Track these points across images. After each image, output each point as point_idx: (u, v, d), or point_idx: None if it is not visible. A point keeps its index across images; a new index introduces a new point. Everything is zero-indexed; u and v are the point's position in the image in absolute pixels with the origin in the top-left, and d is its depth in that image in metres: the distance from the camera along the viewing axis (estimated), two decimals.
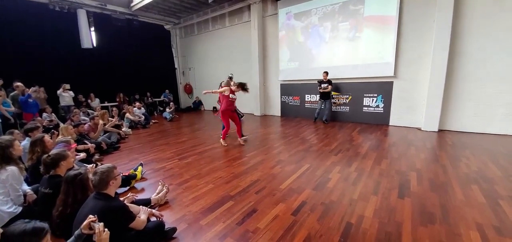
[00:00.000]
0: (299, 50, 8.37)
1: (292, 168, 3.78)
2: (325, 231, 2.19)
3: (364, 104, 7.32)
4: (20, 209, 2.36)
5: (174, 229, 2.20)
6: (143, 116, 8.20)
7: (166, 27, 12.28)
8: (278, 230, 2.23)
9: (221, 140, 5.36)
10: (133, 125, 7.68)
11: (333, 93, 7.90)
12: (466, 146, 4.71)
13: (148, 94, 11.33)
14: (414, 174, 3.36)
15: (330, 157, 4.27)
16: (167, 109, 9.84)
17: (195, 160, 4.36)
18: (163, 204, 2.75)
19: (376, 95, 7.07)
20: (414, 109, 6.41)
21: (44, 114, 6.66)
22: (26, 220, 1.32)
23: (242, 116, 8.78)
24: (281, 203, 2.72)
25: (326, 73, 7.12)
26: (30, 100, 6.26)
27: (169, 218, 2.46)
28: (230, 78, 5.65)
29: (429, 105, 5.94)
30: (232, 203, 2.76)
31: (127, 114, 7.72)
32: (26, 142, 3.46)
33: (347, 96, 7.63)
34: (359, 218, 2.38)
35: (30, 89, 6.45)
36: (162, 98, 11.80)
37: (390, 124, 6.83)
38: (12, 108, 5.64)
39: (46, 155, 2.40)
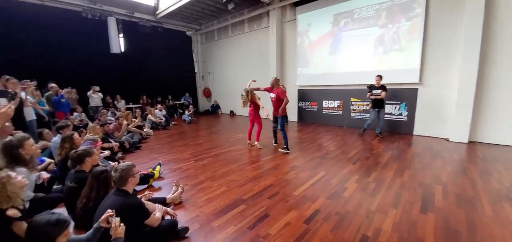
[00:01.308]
0: (318, 56, 8.25)
1: (306, 175, 3.71)
2: None
3: (386, 111, 7.00)
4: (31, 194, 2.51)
5: (186, 229, 2.25)
6: (163, 118, 8.54)
7: (188, 33, 12.76)
8: (289, 237, 2.19)
9: (256, 142, 5.43)
10: (154, 126, 8.02)
11: (352, 99, 7.67)
12: (498, 159, 4.31)
13: (169, 97, 11.78)
14: (439, 188, 3.14)
15: (347, 165, 4.13)
16: (187, 112, 10.16)
17: (211, 162, 4.44)
18: (177, 204, 2.83)
19: (399, 102, 6.74)
20: (442, 119, 6.01)
21: (75, 114, 7.18)
22: (51, 211, 1.43)
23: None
24: (293, 210, 2.67)
25: (380, 77, 6.00)
26: (63, 100, 6.78)
27: (182, 218, 2.52)
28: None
29: (458, 114, 5.54)
30: (245, 206, 2.76)
31: (149, 116, 8.09)
32: (57, 138, 3.75)
33: (367, 103, 7.34)
34: (376, 231, 2.26)
35: (63, 90, 6.99)
36: (182, 101, 12.22)
37: (415, 133, 6.45)
38: (47, 107, 6.13)
39: (73, 151, 2.58)
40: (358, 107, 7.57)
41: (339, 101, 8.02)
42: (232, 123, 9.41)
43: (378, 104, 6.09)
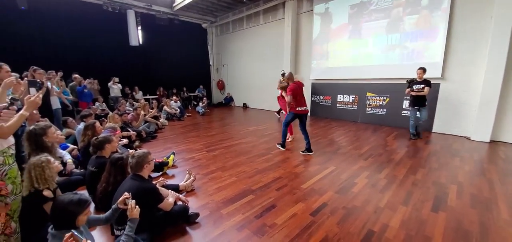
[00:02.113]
0: (334, 48, 8.06)
1: (316, 169, 3.72)
2: (344, 235, 2.14)
3: (403, 107, 6.76)
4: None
5: (197, 214, 2.38)
6: (178, 110, 8.81)
7: (204, 25, 12.90)
8: (295, 228, 2.24)
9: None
10: (169, 117, 8.30)
11: (368, 94, 7.46)
12: None
13: (184, 89, 12.07)
14: (454, 187, 3.03)
15: (358, 161, 4.08)
16: (200, 104, 10.39)
17: (222, 153, 4.57)
18: (189, 191, 2.97)
19: None
20: (463, 116, 5.71)
21: (97, 104, 7.59)
22: (74, 192, 1.58)
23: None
24: (301, 202, 2.71)
25: (423, 70, 5.25)
26: (86, 90, 7.19)
27: (193, 204, 2.65)
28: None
29: (481, 112, 5.23)
30: (253, 197, 2.84)
31: (165, 107, 8.38)
32: (81, 126, 4.02)
33: (385, 98, 7.12)
34: (383, 227, 2.26)
35: (86, 81, 7.40)
36: (196, 93, 12.48)
37: (433, 130, 6.18)
38: (71, 97, 6.54)
39: (94, 138, 2.77)
40: (374, 102, 7.36)
41: (354, 96, 7.84)
42: (245, 116, 9.51)
43: (419, 102, 5.37)
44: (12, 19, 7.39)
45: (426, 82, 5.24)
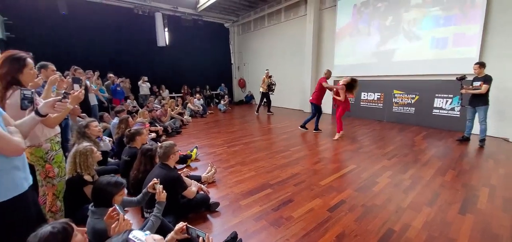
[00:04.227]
0: (358, 44, 7.78)
1: (335, 167, 3.68)
2: (362, 232, 2.13)
3: (434, 106, 6.34)
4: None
5: (217, 204, 2.53)
6: (201, 107, 9.16)
7: (226, 25, 13.20)
8: (311, 222, 2.28)
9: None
10: (193, 114, 8.68)
11: (395, 91, 7.10)
12: None
13: (207, 87, 12.48)
14: (485, 190, 2.82)
15: (382, 160, 3.95)
16: (222, 102, 10.68)
17: (242, 149, 4.70)
18: (210, 182, 3.14)
19: (451, 96, 6.02)
20: (501, 116, 5.21)
21: (128, 101, 8.19)
22: (112, 175, 1.80)
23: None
24: (318, 198, 2.73)
25: (481, 65, 4.58)
26: (119, 88, 7.79)
27: (214, 194, 2.81)
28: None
29: None
30: (271, 191, 2.92)
31: (189, 105, 8.77)
32: (115, 120, 4.41)
33: (413, 95, 6.73)
34: (404, 227, 2.20)
35: (118, 80, 8.02)
36: (218, 91, 12.84)
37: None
38: (106, 94, 7.14)
39: (127, 130, 3.06)
40: (402, 100, 6.99)
41: (379, 94, 7.52)
42: (265, 114, 9.58)
43: (476, 101, 4.68)
44: (54, 23, 8.20)
45: (486, 78, 4.51)
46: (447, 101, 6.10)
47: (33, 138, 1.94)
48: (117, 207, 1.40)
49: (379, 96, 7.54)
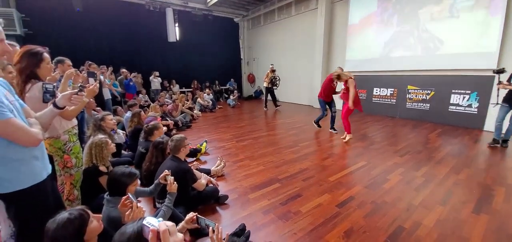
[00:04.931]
0: (371, 38, 7.56)
1: (345, 163, 3.65)
2: (371, 229, 2.11)
3: (451, 102, 6.10)
4: None
5: (226, 196, 2.57)
6: (211, 102, 9.26)
7: (236, 19, 13.16)
8: (319, 217, 2.28)
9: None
10: (202, 109, 8.78)
11: (409, 87, 6.89)
12: None
13: (216, 82, 12.56)
14: (502, 190, 2.71)
15: (393, 157, 3.86)
16: (231, 97, 10.73)
17: (251, 143, 4.72)
18: (220, 176, 3.19)
19: (469, 92, 5.77)
20: None
21: (140, 95, 8.39)
22: (126, 166, 1.87)
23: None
24: (327, 193, 2.72)
25: None
26: (131, 83, 7.99)
27: (223, 188, 2.85)
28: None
29: None
30: (279, 185, 2.93)
31: (199, 99, 8.88)
32: (128, 114, 4.54)
33: (429, 91, 6.50)
34: (415, 224, 2.16)
35: (131, 75, 8.21)
36: (227, 86, 12.89)
37: (485, 128, 5.48)
38: (119, 89, 7.34)
39: (146, 125, 3.17)
40: (416, 96, 6.77)
41: (392, 89, 7.31)
42: (274, 109, 9.55)
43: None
44: (69, 20, 8.44)
45: None
46: (464, 97, 5.86)
47: (52, 130, 2.03)
48: (130, 196, 1.46)
49: (392, 92, 7.34)
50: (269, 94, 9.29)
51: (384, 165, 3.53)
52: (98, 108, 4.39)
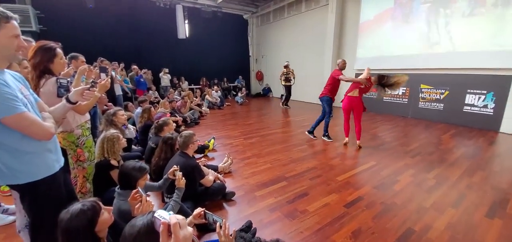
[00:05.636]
0: (383, 35, 7.37)
1: (354, 163, 3.59)
2: (379, 230, 2.07)
3: (465, 102, 5.89)
4: None
5: (233, 193, 2.59)
6: (219, 99, 9.31)
7: (245, 16, 13.13)
8: (326, 216, 2.26)
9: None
10: (211, 106, 8.85)
11: (422, 86, 6.69)
12: None
13: (225, 79, 12.60)
14: None
15: (404, 158, 3.78)
16: (239, 94, 10.76)
17: (258, 141, 4.73)
18: (227, 172, 3.21)
19: (485, 92, 5.56)
20: None
21: (150, 92, 8.52)
22: (136, 160, 1.91)
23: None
24: (334, 193, 2.69)
25: None
26: (142, 80, 8.13)
27: (230, 184, 2.87)
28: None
29: None
30: (286, 183, 2.92)
31: (207, 96, 8.95)
32: (139, 110, 4.63)
33: (443, 91, 6.30)
34: (425, 227, 2.11)
35: (142, 71, 8.35)
36: (235, 83, 12.92)
37: (501, 130, 5.26)
38: (130, 85, 7.48)
39: (156, 121, 3.23)
40: (429, 96, 6.58)
41: (404, 88, 7.12)
42: (281, 108, 9.51)
43: None
44: (82, 16, 8.66)
45: None
46: (479, 97, 5.65)
47: (65, 124, 2.10)
48: (140, 190, 1.49)
49: (404, 91, 7.15)
50: (286, 91, 9.11)
51: (394, 166, 3.45)
52: (110, 103, 4.50)
